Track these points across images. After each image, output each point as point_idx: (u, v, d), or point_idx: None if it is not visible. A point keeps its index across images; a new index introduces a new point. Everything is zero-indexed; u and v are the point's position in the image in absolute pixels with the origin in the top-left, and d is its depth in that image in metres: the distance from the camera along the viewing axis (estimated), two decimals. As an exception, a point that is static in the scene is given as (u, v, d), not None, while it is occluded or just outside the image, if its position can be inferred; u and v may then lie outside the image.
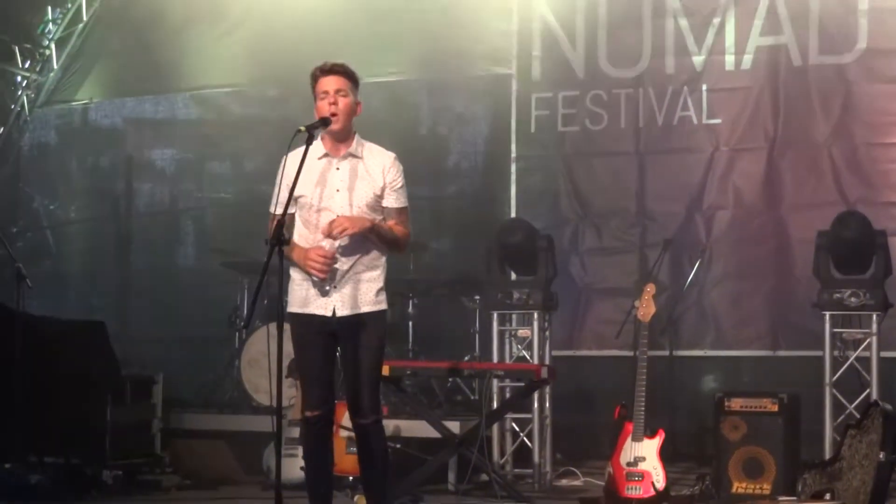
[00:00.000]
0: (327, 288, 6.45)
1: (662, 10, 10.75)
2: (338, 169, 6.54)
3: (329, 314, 6.46)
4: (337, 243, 6.38)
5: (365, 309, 6.48)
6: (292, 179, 6.35)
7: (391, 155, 6.65)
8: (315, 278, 6.42)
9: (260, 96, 12.15)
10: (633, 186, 10.77)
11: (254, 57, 11.93)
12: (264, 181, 11.45)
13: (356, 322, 6.46)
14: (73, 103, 13.06)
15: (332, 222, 6.33)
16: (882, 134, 10.06)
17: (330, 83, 6.52)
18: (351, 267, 6.46)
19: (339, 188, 6.50)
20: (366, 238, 6.45)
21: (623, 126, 10.84)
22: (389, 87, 11.30)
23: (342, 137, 6.56)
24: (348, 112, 6.52)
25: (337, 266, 6.41)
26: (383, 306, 6.55)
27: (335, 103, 6.48)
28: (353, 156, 6.55)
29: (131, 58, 12.57)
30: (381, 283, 6.54)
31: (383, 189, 6.55)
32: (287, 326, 6.46)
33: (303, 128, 6.55)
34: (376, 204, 6.54)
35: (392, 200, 6.57)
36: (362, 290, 6.49)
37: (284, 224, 6.34)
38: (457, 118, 11.50)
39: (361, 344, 6.48)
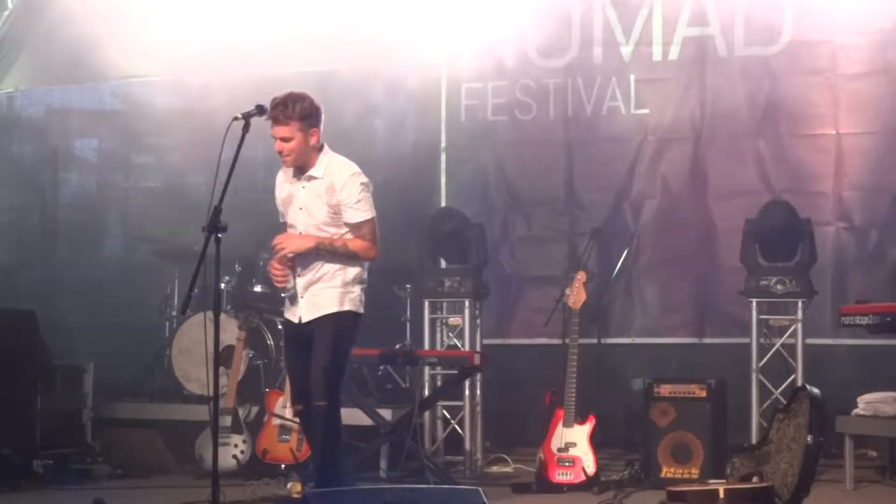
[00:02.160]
0: (296, 297, 7.14)
1: (590, 0, 10.82)
2: (302, 188, 7.12)
3: (296, 321, 7.17)
4: (288, 257, 7.02)
5: (324, 312, 7.06)
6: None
7: (349, 171, 7.08)
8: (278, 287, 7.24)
9: (183, 87, 12.06)
10: (562, 176, 10.84)
11: (177, 47, 11.84)
12: (190, 171, 11.57)
13: (318, 324, 7.06)
14: (-1, 92, 12.92)
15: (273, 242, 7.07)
16: (807, 125, 10.20)
17: (276, 132, 7.02)
18: (311, 278, 7.08)
19: (301, 207, 7.11)
20: (318, 253, 7.00)
21: (552, 116, 10.91)
22: (316, 76, 11.23)
23: (302, 165, 7.08)
24: (298, 151, 7.03)
25: (300, 277, 7.10)
26: (344, 307, 7.06)
27: (281, 151, 7.04)
28: (313, 177, 7.07)
29: (56, 47, 12.38)
30: (341, 289, 7.06)
31: (339, 205, 7.00)
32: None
33: (239, 115, 6.78)
34: (335, 220, 7.03)
35: (349, 216, 7.04)
36: (322, 297, 7.08)
37: (220, 211, 6.50)
38: (386, 108, 11.49)
39: (318, 339, 7.04)
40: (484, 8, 10.95)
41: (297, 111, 6.99)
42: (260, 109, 6.92)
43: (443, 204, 11.00)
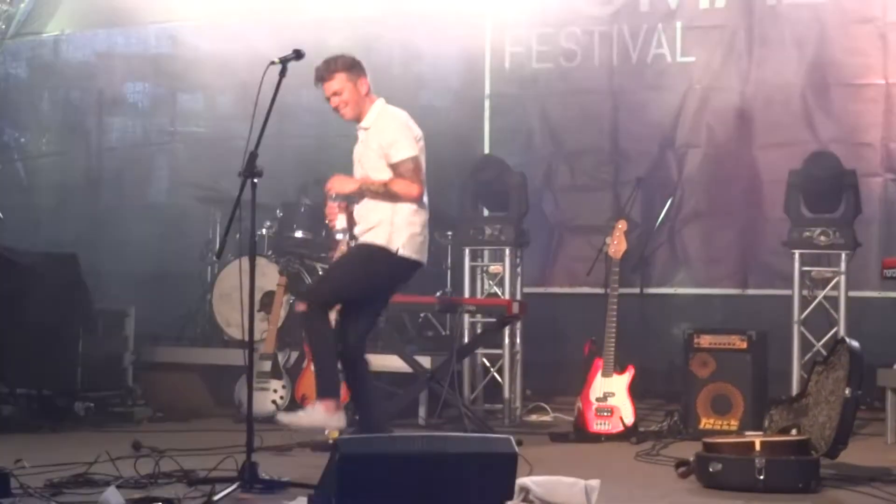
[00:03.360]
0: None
1: (637, -53, 10.70)
2: (360, 141, 7.30)
3: None
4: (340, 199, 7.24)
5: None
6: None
7: (397, 119, 7.21)
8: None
9: (230, 30, 12.01)
10: (607, 124, 10.75)
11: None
12: (235, 116, 11.54)
13: None
14: (44, 35, 12.93)
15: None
16: (855, 75, 10.04)
17: (327, 89, 7.21)
18: (364, 227, 7.18)
19: (358, 159, 7.29)
20: (367, 197, 7.14)
21: (597, 63, 10.80)
22: (361, 24, 11.21)
23: (358, 115, 7.23)
24: (353, 101, 7.19)
25: (357, 227, 7.25)
26: (389, 243, 7.09)
27: (337, 106, 7.23)
28: (365, 128, 7.23)
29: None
30: (389, 229, 7.10)
31: (381, 150, 7.12)
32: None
33: (276, 59, 6.75)
34: (384, 166, 7.13)
35: (390, 156, 7.11)
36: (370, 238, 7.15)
37: (256, 156, 6.50)
38: (430, 55, 11.39)
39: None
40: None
41: (339, 64, 7.18)
42: (297, 54, 6.87)
43: (486, 151, 10.93)
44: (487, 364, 10.23)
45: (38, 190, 12.73)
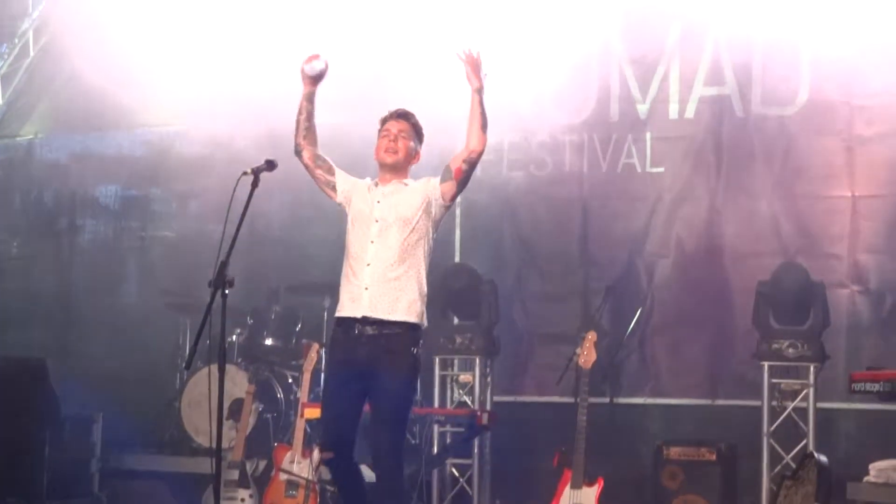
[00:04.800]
0: (360, 290, 6.79)
1: (608, 57, 10.80)
2: (383, 191, 6.86)
3: (358, 317, 6.80)
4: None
5: (398, 317, 6.78)
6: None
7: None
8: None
9: (205, 135, 12.08)
10: (577, 232, 10.80)
11: (199, 95, 11.89)
12: (209, 220, 11.56)
13: (388, 332, 6.78)
14: (18, 138, 12.98)
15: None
16: (822, 186, 10.12)
17: (394, 125, 6.92)
18: (383, 272, 6.72)
19: (378, 200, 6.80)
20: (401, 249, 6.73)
21: (567, 172, 10.89)
22: (338, 128, 11.19)
23: (394, 173, 6.87)
24: (405, 153, 6.91)
25: (368, 266, 6.73)
26: (421, 319, 6.86)
27: (395, 141, 6.86)
28: (402, 184, 6.88)
29: (77, 94, 12.45)
30: (418, 297, 6.82)
31: (425, 195, 6.82)
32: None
33: (248, 170, 6.67)
34: (413, 215, 6.74)
35: (446, 173, 6.88)
36: (395, 297, 6.76)
37: (227, 266, 6.43)
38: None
39: (390, 361, 6.74)
40: (501, 62, 10.91)
41: (415, 119, 7.08)
42: (270, 164, 6.82)
43: (456, 258, 10.98)
44: (456, 474, 10.18)
45: (8, 293, 12.68)
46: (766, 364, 9.32)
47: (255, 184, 6.75)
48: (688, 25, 10.59)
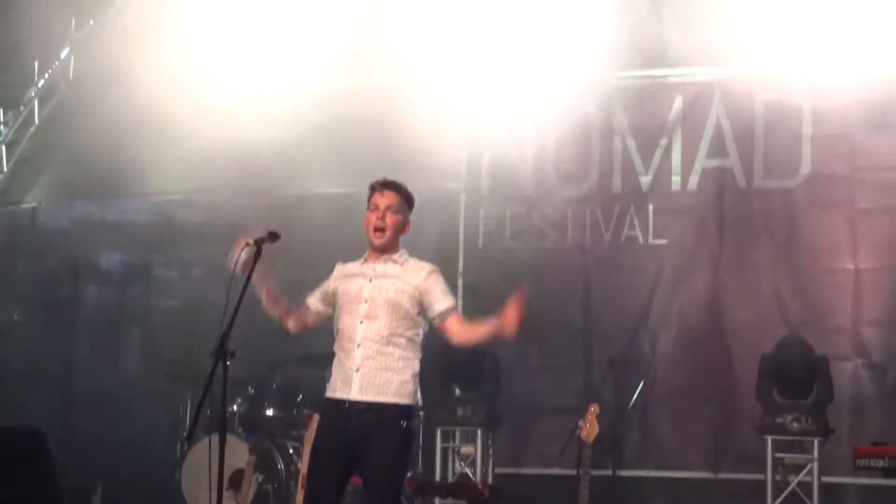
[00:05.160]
0: (350, 372, 6.56)
1: (610, 130, 10.85)
2: (373, 268, 6.61)
3: (345, 399, 6.59)
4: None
5: (389, 399, 6.50)
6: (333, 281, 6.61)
7: (431, 266, 6.67)
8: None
9: (209, 203, 12.13)
10: (579, 304, 10.78)
11: (203, 164, 11.93)
12: (211, 288, 11.53)
13: (377, 414, 6.52)
14: (22, 205, 13.01)
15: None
16: (825, 259, 10.15)
17: (383, 198, 6.65)
18: (374, 352, 6.50)
19: (370, 279, 6.56)
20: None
21: (570, 244, 10.90)
22: (338, 198, 11.30)
23: (384, 251, 6.62)
24: (394, 229, 6.62)
25: (359, 347, 6.50)
26: (413, 400, 6.58)
27: (383, 218, 6.60)
28: (393, 261, 6.60)
29: (81, 162, 12.53)
30: (410, 379, 6.57)
31: (419, 293, 6.55)
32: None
33: (251, 241, 6.60)
34: (405, 302, 6.52)
35: (442, 303, 6.59)
36: (386, 379, 6.51)
37: (228, 337, 6.39)
38: (403, 231, 11.47)
39: (380, 439, 6.51)
40: (504, 134, 11.00)
41: (406, 190, 6.78)
42: (272, 236, 6.73)
43: (458, 329, 10.90)
44: (458, 546, 10.10)
45: (9, 360, 12.64)
46: (769, 438, 9.27)
47: (257, 255, 6.69)
48: (690, 97, 10.64)
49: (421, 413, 10.32)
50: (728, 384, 10.22)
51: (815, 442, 9.19)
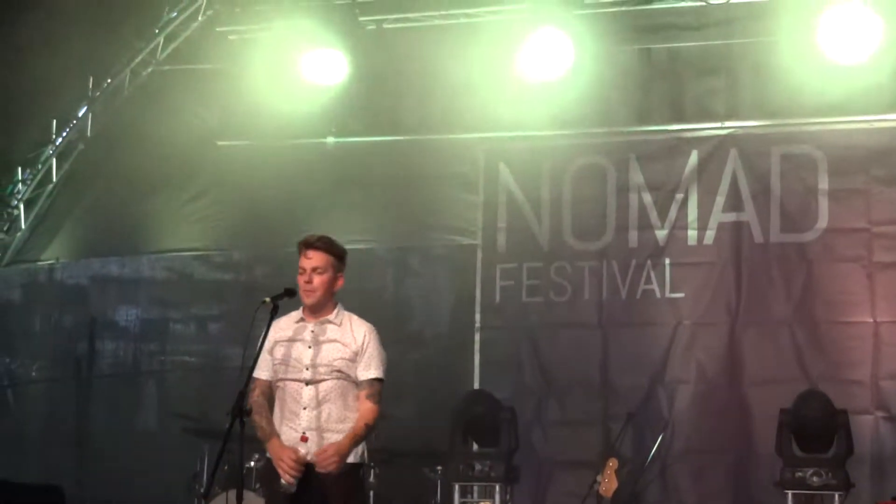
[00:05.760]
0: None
1: (626, 184, 10.87)
2: (312, 331, 6.67)
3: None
4: (310, 451, 6.48)
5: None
6: (270, 345, 6.61)
7: (368, 326, 6.75)
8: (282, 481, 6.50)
9: (226, 260, 12.18)
10: (597, 358, 10.76)
11: (221, 221, 12.01)
12: (228, 344, 11.59)
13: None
14: (40, 262, 13.06)
15: (323, 453, 6.41)
16: (842, 312, 10.13)
17: (308, 261, 6.69)
18: (318, 420, 6.59)
19: (310, 345, 6.63)
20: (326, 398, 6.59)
21: (587, 298, 10.88)
22: (356, 254, 11.22)
23: (318, 310, 6.69)
24: (323, 289, 6.67)
25: (304, 409, 6.57)
26: (359, 458, 6.69)
27: (310, 281, 6.66)
28: (330, 322, 6.68)
29: (99, 219, 12.60)
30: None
31: (356, 354, 6.63)
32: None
33: (267, 299, 6.65)
34: (346, 367, 6.60)
35: (366, 371, 6.64)
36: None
37: (245, 395, 6.42)
38: (422, 286, 11.51)
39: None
40: (519, 189, 11.05)
41: (335, 246, 6.79)
42: (289, 293, 6.79)
43: (476, 384, 10.92)
44: None
45: (27, 416, 12.67)
46: (790, 492, 9.21)
47: (274, 311, 6.73)
48: (706, 152, 10.66)
49: (438, 468, 10.34)
50: (747, 438, 10.19)
51: (836, 496, 9.12)
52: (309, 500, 6.56)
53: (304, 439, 6.55)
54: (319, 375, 6.59)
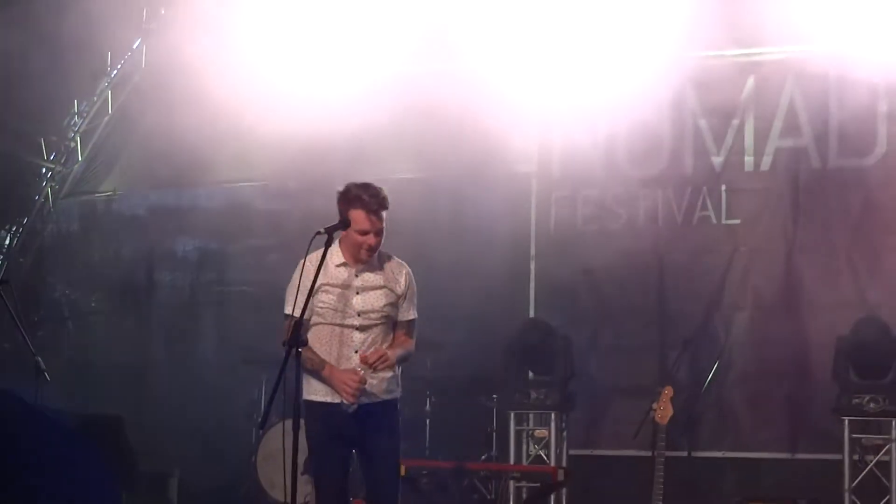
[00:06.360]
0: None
1: (682, 111, 10.76)
2: (356, 276, 6.76)
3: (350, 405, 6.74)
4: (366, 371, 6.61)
5: (386, 397, 6.80)
6: (310, 283, 6.61)
7: (406, 268, 6.90)
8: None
9: (282, 190, 12.21)
10: (652, 285, 10.73)
11: (277, 151, 11.99)
12: (285, 275, 11.60)
13: (376, 411, 6.77)
14: (97, 195, 13.16)
15: (376, 355, 6.56)
16: (902, 238, 10.03)
17: (378, 223, 6.70)
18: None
19: (357, 291, 6.75)
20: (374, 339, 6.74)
21: (642, 225, 10.84)
22: (411, 184, 11.30)
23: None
24: (379, 244, 6.75)
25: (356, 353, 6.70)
26: (399, 392, 6.87)
27: (374, 243, 6.70)
28: (373, 265, 6.78)
29: (155, 151, 12.64)
30: (393, 373, 6.82)
31: (399, 299, 6.80)
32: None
33: (322, 230, 6.68)
34: (391, 311, 6.78)
35: (406, 312, 6.85)
36: (379, 381, 6.75)
37: (302, 326, 6.47)
38: (477, 216, 11.48)
39: (383, 433, 6.82)
40: (575, 118, 10.95)
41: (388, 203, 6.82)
42: (343, 223, 6.83)
43: (531, 312, 10.93)
44: (533, 528, 10.10)
45: (86, 348, 12.82)
46: (846, 419, 9.19)
47: (329, 242, 6.76)
48: (762, 77, 10.54)
49: (494, 397, 10.38)
50: (804, 365, 10.14)
51: (893, 422, 9.10)
52: (352, 434, 6.77)
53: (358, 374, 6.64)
54: (370, 321, 6.74)
